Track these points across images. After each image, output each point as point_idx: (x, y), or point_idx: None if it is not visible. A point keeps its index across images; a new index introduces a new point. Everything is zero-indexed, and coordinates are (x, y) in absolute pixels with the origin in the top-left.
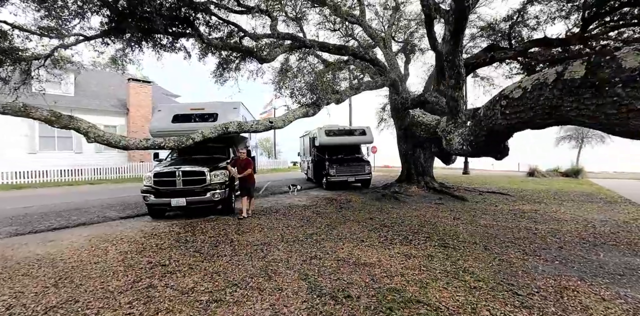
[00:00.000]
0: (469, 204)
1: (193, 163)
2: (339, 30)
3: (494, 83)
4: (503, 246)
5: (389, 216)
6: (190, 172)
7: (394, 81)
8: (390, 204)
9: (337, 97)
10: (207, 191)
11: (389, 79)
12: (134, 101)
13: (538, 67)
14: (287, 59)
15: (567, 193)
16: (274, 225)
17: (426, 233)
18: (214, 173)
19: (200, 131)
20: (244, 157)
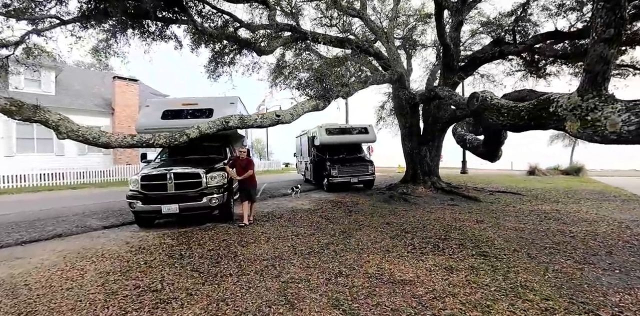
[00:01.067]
0: (484, 205)
1: (186, 164)
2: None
3: (495, 81)
4: (547, 253)
5: (406, 220)
6: (183, 174)
7: (401, 75)
8: (402, 206)
9: (345, 90)
10: (203, 196)
11: (396, 73)
12: (120, 100)
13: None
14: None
15: (577, 192)
16: (282, 234)
17: (456, 240)
18: (211, 175)
19: (197, 126)
20: (244, 156)
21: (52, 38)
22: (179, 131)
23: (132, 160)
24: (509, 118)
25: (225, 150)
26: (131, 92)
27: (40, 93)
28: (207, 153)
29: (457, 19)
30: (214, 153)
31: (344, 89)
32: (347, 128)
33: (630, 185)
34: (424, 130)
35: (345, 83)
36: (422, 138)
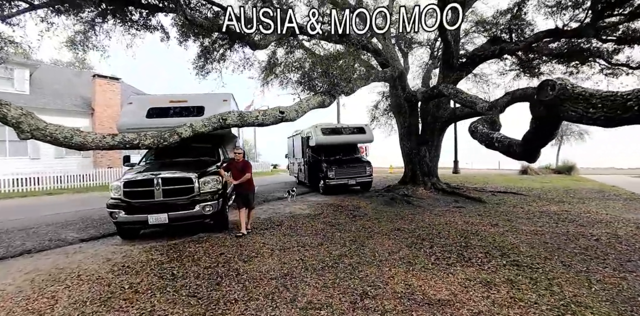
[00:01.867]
0: (490, 207)
1: (175, 168)
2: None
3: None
4: (580, 260)
5: (417, 225)
6: (173, 179)
7: (401, 72)
8: (406, 209)
9: (350, 86)
10: (196, 203)
11: (397, 70)
12: (101, 100)
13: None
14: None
15: (578, 191)
16: (286, 245)
17: (479, 247)
18: (204, 179)
19: (189, 124)
20: (240, 158)
21: (19, 24)
22: (168, 130)
23: (115, 163)
24: (604, 110)
25: (218, 151)
26: (112, 91)
27: (13, 93)
28: (198, 156)
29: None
30: (206, 156)
31: (349, 85)
32: (344, 128)
33: (624, 183)
34: (423, 129)
35: (350, 78)
36: (421, 138)
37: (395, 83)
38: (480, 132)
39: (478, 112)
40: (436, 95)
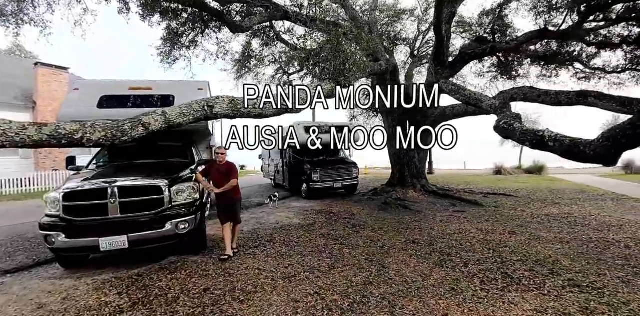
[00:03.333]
0: (491, 210)
1: (137, 172)
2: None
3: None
4: (633, 274)
5: (429, 235)
6: (134, 188)
7: (395, 67)
8: (406, 215)
9: (355, 76)
10: (166, 220)
11: (391, 64)
12: (44, 92)
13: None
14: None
15: (562, 192)
16: (288, 270)
17: (518, 263)
18: (177, 188)
19: (162, 111)
20: (223, 159)
21: None
22: (130, 120)
23: (61, 164)
24: None
25: (192, 151)
26: (59, 82)
27: None
28: (166, 157)
29: (450, 10)
30: (176, 156)
31: (355, 73)
32: (328, 126)
33: (593, 182)
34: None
35: (358, 63)
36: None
37: (386, 78)
38: (521, 130)
39: (477, 111)
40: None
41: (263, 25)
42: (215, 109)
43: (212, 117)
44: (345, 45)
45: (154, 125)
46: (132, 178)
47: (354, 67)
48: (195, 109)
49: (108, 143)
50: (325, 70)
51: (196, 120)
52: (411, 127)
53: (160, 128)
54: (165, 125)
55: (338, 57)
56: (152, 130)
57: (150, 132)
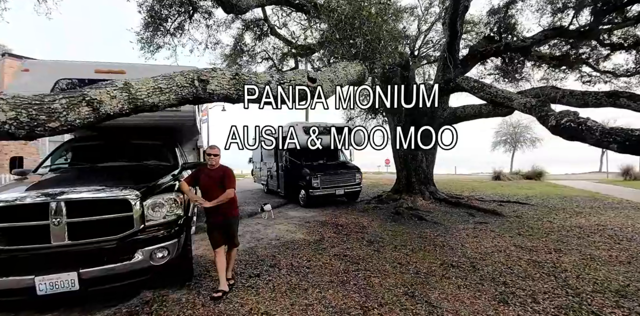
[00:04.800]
0: (514, 221)
1: (100, 179)
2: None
3: None
4: None
5: (464, 255)
6: (90, 203)
7: (407, 60)
8: (425, 228)
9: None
10: (137, 247)
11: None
12: None
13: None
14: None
15: (573, 199)
16: (308, 314)
17: (597, 296)
18: (153, 201)
19: (123, 83)
20: (216, 162)
21: None
22: (65, 95)
23: (4, 167)
24: None
25: (175, 152)
26: None
27: None
28: (141, 159)
29: (463, 4)
30: (155, 158)
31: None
32: (329, 127)
33: (596, 188)
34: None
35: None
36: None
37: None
38: (602, 129)
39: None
40: (451, 90)
41: (257, 17)
42: (211, 86)
43: (205, 97)
44: (378, 17)
45: (109, 105)
46: (90, 188)
47: (390, 44)
48: (179, 84)
49: (22, 133)
50: (356, 47)
51: (180, 101)
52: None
53: (121, 110)
54: (129, 107)
55: (371, 32)
56: (105, 113)
57: (102, 116)
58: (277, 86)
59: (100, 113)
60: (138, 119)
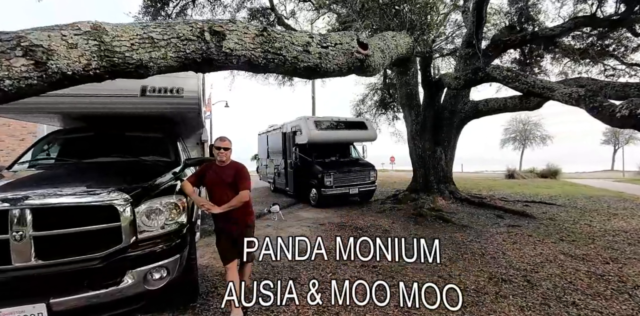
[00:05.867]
0: (550, 224)
1: (84, 178)
2: None
3: None
4: None
5: (512, 266)
6: (63, 210)
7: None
8: (455, 232)
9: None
10: (126, 267)
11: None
12: None
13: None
14: None
15: (602, 200)
16: None
17: None
18: (148, 207)
19: (92, 23)
20: (227, 158)
21: None
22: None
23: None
24: None
25: (176, 147)
26: None
27: None
28: (136, 153)
29: None
30: (154, 153)
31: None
32: (342, 121)
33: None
34: (438, 126)
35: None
36: (438, 137)
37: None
38: None
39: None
40: (480, 81)
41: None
42: (229, 43)
43: (220, 60)
44: None
45: (67, 59)
46: (65, 191)
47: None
48: (180, 35)
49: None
50: (401, 16)
51: (182, 63)
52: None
53: (87, 69)
54: (100, 64)
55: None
56: (59, 73)
57: (52, 78)
58: (318, 50)
59: (50, 72)
60: (130, 105)
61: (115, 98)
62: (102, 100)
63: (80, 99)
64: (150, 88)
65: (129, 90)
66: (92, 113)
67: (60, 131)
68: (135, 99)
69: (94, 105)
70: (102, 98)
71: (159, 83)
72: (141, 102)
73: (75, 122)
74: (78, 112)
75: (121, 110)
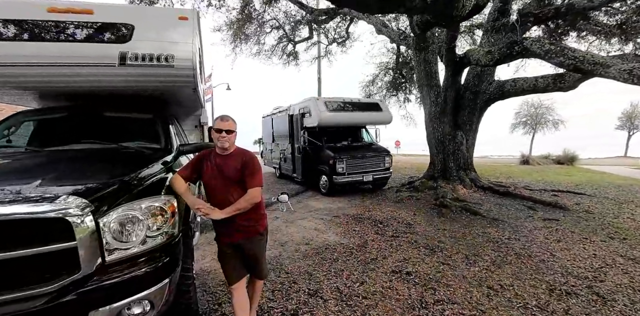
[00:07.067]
0: (588, 217)
1: (36, 174)
2: None
3: None
4: None
5: (567, 271)
6: None
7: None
8: (486, 227)
9: None
10: (88, 306)
11: None
12: None
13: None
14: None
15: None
16: None
17: None
18: (120, 216)
19: None
20: (230, 144)
21: None
22: None
23: None
24: None
25: (168, 130)
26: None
27: None
28: (118, 138)
29: None
30: (139, 139)
31: None
32: (355, 102)
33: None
34: (459, 108)
35: None
36: (459, 120)
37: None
38: None
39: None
40: (515, 55)
41: None
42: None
43: None
44: None
45: None
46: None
47: None
48: None
49: None
50: None
51: None
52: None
53: None
54: None
55: None
56: None
57: None
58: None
59: None
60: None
61: (87, 69)
62: (69, 70)
63: (39, 70)
64: (132, 56)
65: (104, 57)
66: (56, 88)
67: (27, 112)
68: (112, 70)
69: (58, 78)
70: (69, 69)
71: (142, 48)
72: (120, 73)
73: (54, 102)
74: (39, 87)
75: (95, 85)
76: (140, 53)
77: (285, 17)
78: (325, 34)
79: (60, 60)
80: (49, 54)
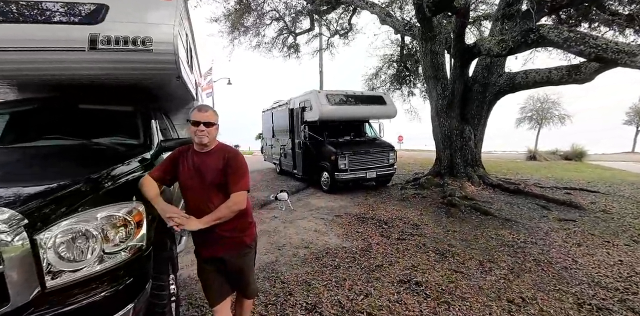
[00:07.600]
0: (607, 219)
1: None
2: None
3: None
4: None
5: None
6: None
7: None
8: (499, 228)
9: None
10: None
11: None
12: None
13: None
14: None
15: None
16: None
17: None
18: (68, 229)
19: None
20: (210, 139)
21: None
22: None
23: None
24: None
25: (148, 123)
26: None
27: None
28: (91, 134)
29: None
30: (117, 133)
31: None
32: (358, 96)
33: None
34: (467, 101)
35: None
36: (467, 114)
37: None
38: None
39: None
40: (530, 44)
41: None
42: None
43: None
44: None
45: None
46: None
47: None
48: None
49: None
50: None
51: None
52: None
53: None
54: None
55: None
56: None
57: None
58: None
59: None
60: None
61: (54, 54)
62: (33, 56)
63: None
64: (104, 39)
65: (71, 41)
66: (24, 76)
67: None
68: (82, 55)
69: (22, 65)
70: (32, 54)
71: (116, 30)
72: (91, 58)
73: (34, 93)
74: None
75: (64, 72)
76: (114, 36)
77: (285, 7)
78: (327, 25)
79: (22, 44)
80: (9, 37)
